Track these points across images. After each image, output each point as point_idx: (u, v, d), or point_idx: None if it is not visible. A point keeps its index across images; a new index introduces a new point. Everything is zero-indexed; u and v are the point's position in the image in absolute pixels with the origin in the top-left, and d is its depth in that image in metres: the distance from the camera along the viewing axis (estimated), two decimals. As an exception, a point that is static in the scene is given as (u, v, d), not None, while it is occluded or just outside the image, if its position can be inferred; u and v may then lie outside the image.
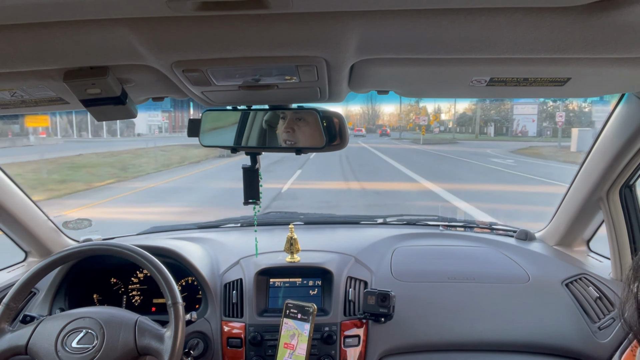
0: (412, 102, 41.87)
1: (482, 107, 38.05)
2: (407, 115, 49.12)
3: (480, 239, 1.86)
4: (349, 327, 1.45)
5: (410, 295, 1.52)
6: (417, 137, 35.96)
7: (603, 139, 1.43)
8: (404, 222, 2.08)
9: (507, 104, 34.47)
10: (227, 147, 1.26)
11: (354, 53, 0.82)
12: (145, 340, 1.12)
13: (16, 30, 0.72)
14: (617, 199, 1.48)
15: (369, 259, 1.64)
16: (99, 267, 1.62)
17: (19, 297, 1.20)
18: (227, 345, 1.45)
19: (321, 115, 1.14)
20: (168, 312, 1.16)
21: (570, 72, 0.93)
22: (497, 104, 36.35)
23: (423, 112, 39.12)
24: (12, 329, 1.17)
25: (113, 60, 0.85)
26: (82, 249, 1.24)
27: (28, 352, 1.13)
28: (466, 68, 0.92)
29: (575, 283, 1.55)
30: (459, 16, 0.70)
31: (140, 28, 0.72)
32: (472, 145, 28.10)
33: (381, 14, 0.69)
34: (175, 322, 1.13)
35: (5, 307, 1.18)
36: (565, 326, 1.47)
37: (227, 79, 0.94)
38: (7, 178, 1.58)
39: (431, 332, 1.48)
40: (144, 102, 1.15)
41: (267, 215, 2.15)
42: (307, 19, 0.70)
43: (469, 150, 23.24)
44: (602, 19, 0.68)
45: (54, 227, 1.82)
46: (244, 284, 1.52)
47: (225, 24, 0.71)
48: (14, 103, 1.06)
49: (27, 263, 1.80)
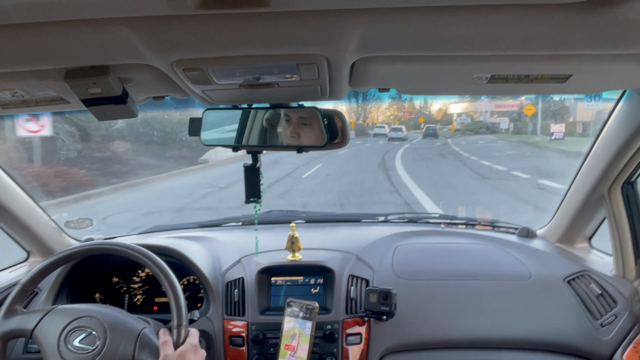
0: (408, 98, 35.81)
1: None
2: (394, 112, 43.43)
3: (482, 236, 1.85)
4: (351, 325, 1.45)
5: (412, 293, 1.52)
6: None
7: (605, 136, 1.42)
8: (406, 219, 2.08)
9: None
10: (228, 146, 1.26)
11: (355, 51, 0.82)
12: (144, 355, 1.11)
13: (17, 30, 0.72)
14: (619, 196, 1.47)
15: (370, 257, 1.64)
16: (101, 267, 1.62)
17: (37, 279, 1.22)
18: (230, 344, 1.45)
19: (322, 114, 1.14)
20: (171, 331, 1.14)
21: (571, 68, 0.92)
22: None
23: (409, 107, 36.82)
24: (23, 311, 1.18)
25: (114, 59, 0.86)
26: (85, 248, 1.25)
27: (32, 338, 1.14)
28: (467, 65, 0.91)
29: (578, 280, 1.55)
30: (460, 13, 0.70)
31: (140, 27, 0.72)
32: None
33: (382, 11, 0.69)
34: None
35: (21, 288, 1.19)
36: (567, 323, 1.47)
37: (228, 77, 0.94)
38: (9, 178, 1.58)
39: (433, 329, 1.48)
40: (145, 102, 1.15)
41: (269, 214, 2.15)
42: (307, 17, 0.70)
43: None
44: (604, 15, 0.68)
45: (56, 227, 1.83)
46: (245, 282, 1.52)
47: (225, 22, 0.71)
48: (15, 103, 1.06)
49: (29, 263, 1.81)
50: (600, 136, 1.44)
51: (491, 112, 34.46)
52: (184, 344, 1.11)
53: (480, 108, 36.09)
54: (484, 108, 35.43)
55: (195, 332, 1.16)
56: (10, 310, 1.17)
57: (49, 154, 9.81)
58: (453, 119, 40.09)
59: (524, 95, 16.88)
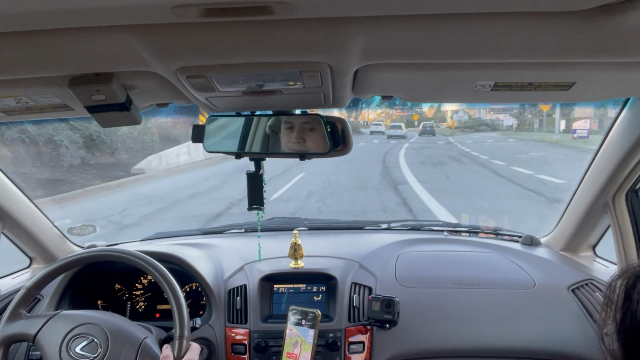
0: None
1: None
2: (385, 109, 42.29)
3: (485, 244, 1.85)
4: (353, 334, 1.44)
5: (415, 301, 1.51)
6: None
7: (608, 144, 1.42)
8: (408, 227, 2.07)
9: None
10: (231, 153, 1.26)
11: (358, 58, 0.82)
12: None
13: (22, 38, 0.72)
14: (623, 204, 1.47)
15: (373, 265, 1.64)
16: (103, 273, 1.62)
17: (41, 285, 1.22)
18: (232, 352, 1.44)
19: (324, 121, 1.14)
20: (173, 343, 1.13)
21: (575, 76, 0.92)
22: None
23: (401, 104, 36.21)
24: (27, 315, 1.18)
25: (118, 66, 0.86)
26: (89, 254, 1.25)
27: (35, 343, 1.14)
28: (470, 73, 0.92)
29: (582, 289, 1.54)
30: (463, 21, 0.70)
31: (145, 35, 0.72)
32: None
33: (385, 19, 0.70)
34: (177, 357, 1.11)
35: (26, 292, 1.20)
36: (571, 332, 1.45)
37: (231, 84, 0.94)
38: (12, 184, 1.59)
39: (436, 338, 1.47)
40: (148, 109, 1.16)
41: (271, 221, 2.14)
42: (311, 25, 0.70)
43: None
44: (607, 23, 0.68)
45: (59, 233, 1.83)
46: (248, 289, 1.52)
47: (229, 30, 0.72)
48: (20, 109, 1.07)
49: (32, 269, 1.81)
50: (603, 144, 1.44)
51: (489, 109, 33.08)
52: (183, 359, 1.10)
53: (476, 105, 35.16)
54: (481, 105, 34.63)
55: (196, 347, 1.15)
56: (14, 314, 1.17)
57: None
58: (447, 115, 38.91)
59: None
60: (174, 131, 13.97)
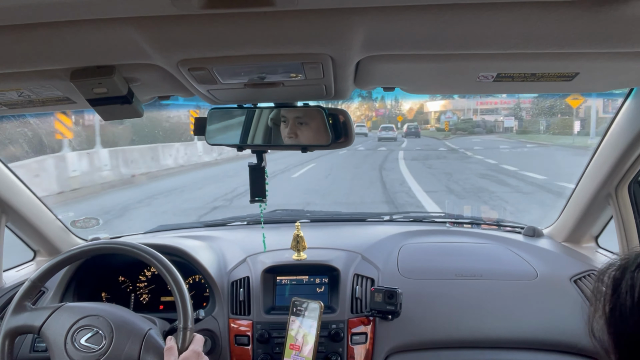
0: (379, 98, 25.22)
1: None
2: (364, 111, 37.07)
3: (488, 235, 1.85)
4: (356, 325, 1.45)
5: (418, 292, 1.52)
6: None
7: (611, 134, 1.41)
8: (411, 219, 2.07)
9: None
10: (234, 145, 1.26)
11: (360, 50, 0.82)
12: (149, 357, 1.11)
13: (23, 31, 0.72)
14: (626, 195, 1.46)
15: (375, 256, 1.64)
16: (107, 266, 1.63)
17: (45, 277, 1.23)
18: (235, 343, 1.46)
19: (327, 113, 1.14)
20: (177, 334, 1.14)
21: (578, 66, 0.92)
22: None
23: (380, 106, 33.34)
24: (32, 308, 1.19)
25: (119, 59, 0.86)
26: (93, 247, 1.25)
27: (40, 335, 1.15)
28: (473, 64, 0.91)
29: (584, 279, 1.54)
30: (466, 11, 0.69)
31: (146, 27, 0.72)
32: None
33: (387, 10, 0.69)
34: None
35: (31, 284, 1.20)
36: (573, 323, 1.46)
37: (233, 77, 0.94)
38: (16, 178, 1.60)
39: (439, 329, 1.47)
40: (150, 101, 1.16)
41: (274, 213, 2.15)
42: (312, 16, 0.70)
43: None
44: (611, 12, 0.68)
45: (62, 226, 1.84)
46: (251, 281, 1.53)
47: (230, 21, 0.71)
48: (21, 103, 1.07)
49: (36, 262, 1.82)
50: (607, 135, 1.43)
51: (479, 109, 31.46)
52: (187, 351, 1.10)
53: (460, 105, 33.06)
54: (466, 106, 32.56)
55: (200, 338, 1.16)
56: (19, 306, 1.18)
57: None
58: (431, 117, 36.67)
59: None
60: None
